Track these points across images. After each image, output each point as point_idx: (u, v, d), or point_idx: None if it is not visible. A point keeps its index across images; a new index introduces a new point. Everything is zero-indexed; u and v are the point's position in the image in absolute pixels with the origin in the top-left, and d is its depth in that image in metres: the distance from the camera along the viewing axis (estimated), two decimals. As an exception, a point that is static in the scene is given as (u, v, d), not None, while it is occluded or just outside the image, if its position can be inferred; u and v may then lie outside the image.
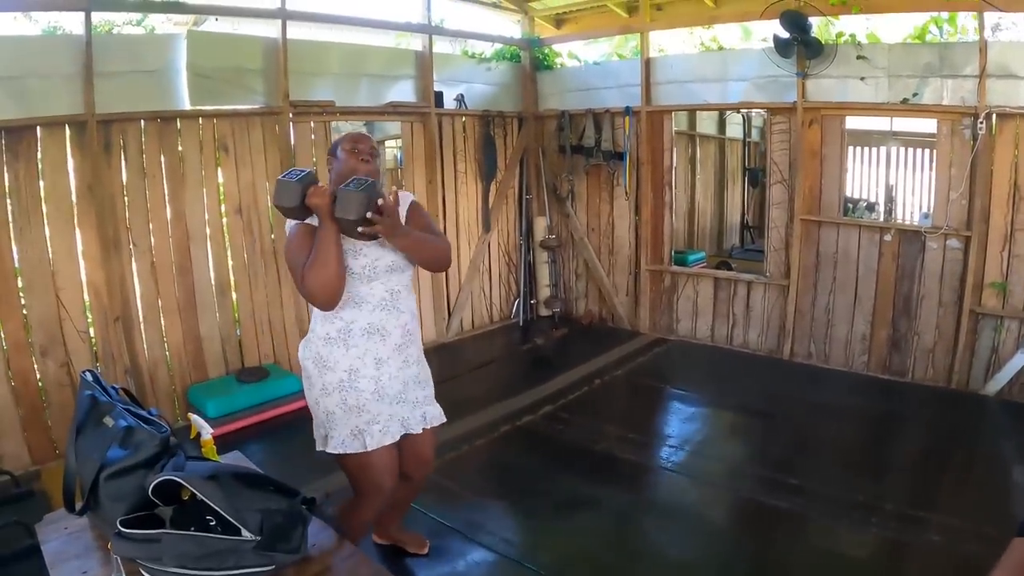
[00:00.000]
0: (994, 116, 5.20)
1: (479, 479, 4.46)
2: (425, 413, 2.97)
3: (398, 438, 2.84)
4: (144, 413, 2.15)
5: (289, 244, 2.69)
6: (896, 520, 3.77)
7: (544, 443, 4.97)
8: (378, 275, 2.70)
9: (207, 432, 2.48)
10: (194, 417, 2.60)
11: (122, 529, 1.74)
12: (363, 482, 2.88)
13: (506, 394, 5.77)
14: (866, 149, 8.73)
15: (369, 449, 2.76)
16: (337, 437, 2.80)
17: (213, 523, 1.84)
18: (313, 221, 2.61)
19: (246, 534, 1.80)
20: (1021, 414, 5.20)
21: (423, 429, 2.97)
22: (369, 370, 2.74)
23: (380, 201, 2.45)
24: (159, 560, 1.73)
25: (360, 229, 2.45)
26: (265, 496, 1.93)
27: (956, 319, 5.57)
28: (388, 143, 8.70)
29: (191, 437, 2.53)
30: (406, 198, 2.92)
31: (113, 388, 2.23)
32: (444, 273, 7.25)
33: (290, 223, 2.71)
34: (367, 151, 2.75)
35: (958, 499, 4.01)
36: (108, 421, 2.05)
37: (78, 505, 2.00)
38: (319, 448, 2.88)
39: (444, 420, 3.07)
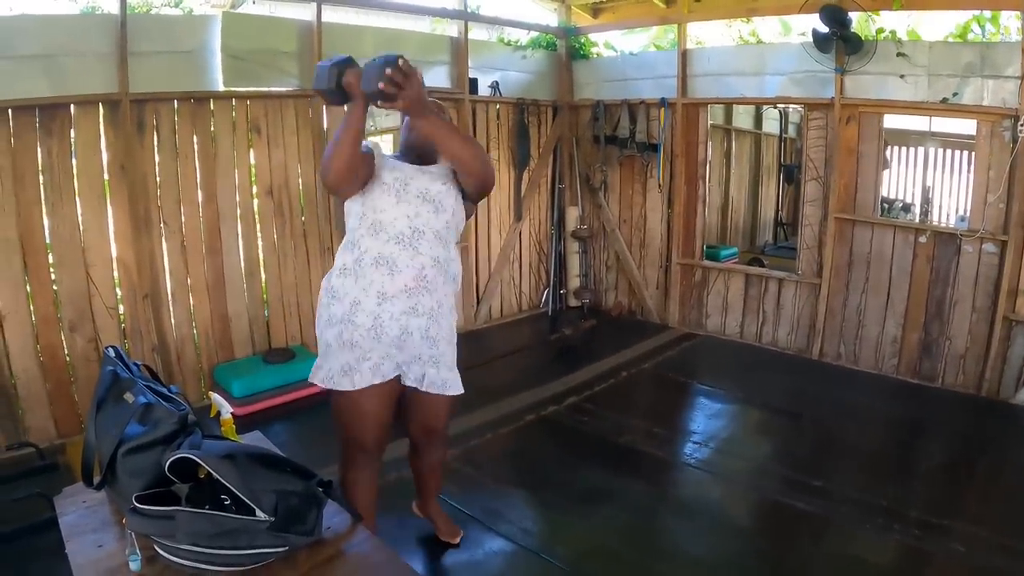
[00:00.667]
0: (1035, 119, 5.07)
1: (500, 468, 4.45)
2: (426, 374, 2.79)
3: (390, 378, 2.73)
4: (164, 390, 2.16)
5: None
6: (919, 527, 3.71)
7: (567, 434, 4.95)
8: (406, 197, 2.64)
9: (227, 411, 2.48)
10: (214, 395, 2.60)
11: (137, 505, 1.75)
12: (345, 428, 2.83)
13: (531, 383, 5.76)
14: (903, 148, 8.59)
15: (357, 387, 2.71)
16: (326, 369, 2.79)
17: (228, 502, 1.84)
18: None
19: (260, 514, 1.80)
20: (1053, 425, 5.09)
21: (426, 394, 2.83)
22: (370, 304, 2.65)
23: (400, 62, 2.32)
24: (173, 537, 1.74)
25: (381, 87, 2.32)
26: (281, 477, 1.93)
27: (989, 325, 5.45)
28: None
29: (211, 416, 2.53)
30: None
31: (135, 364, 2.24)
32: (474, 261, 7.26)
33: None
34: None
35: (983, 509, 3.93)
36: (128, 397, 2.06)
37: (96, 479, 2.02)
38: (310, 379, 2.85)
39: (449, 391, 2.86)
